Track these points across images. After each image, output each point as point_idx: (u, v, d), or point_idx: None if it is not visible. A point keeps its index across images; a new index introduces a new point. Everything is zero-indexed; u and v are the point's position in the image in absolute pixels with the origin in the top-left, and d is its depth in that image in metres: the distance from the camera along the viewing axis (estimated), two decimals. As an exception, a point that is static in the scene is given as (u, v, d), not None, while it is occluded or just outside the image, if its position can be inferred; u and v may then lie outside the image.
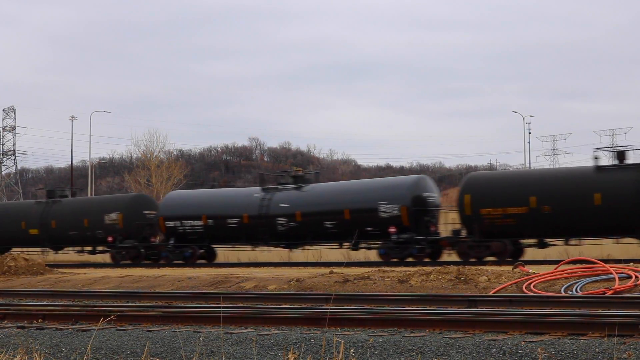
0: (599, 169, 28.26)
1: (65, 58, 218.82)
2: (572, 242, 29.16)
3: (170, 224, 35.75)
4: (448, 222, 33.01)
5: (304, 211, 32.91)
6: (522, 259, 28.69)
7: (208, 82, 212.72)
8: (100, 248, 38.94)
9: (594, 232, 28.18)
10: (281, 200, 33.68)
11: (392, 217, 30.79)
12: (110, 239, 37.49)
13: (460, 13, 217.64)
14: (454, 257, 29.83)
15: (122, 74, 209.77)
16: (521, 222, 28.42)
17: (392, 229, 30.64)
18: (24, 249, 42.04)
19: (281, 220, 33.37)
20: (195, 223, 35.33)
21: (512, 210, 28.59)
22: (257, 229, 33.84)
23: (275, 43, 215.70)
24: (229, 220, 34.53)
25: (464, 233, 29.81)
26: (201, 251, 35.68)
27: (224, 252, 39.09)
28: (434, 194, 32.48)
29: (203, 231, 35.17)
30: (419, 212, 30.76)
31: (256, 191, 35.12)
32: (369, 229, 31.20)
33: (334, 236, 32.69)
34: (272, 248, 35.27)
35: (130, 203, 38.53)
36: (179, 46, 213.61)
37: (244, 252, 39.07)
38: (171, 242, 35.58)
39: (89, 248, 39.51)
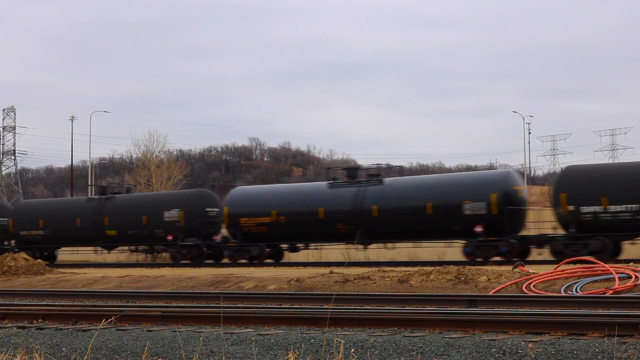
0: None
1: (56, 57, 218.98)
2: None
3: (236, 221, 33.74)
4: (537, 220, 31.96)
5: (387, 207, 31.03)
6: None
7: (203, 82, 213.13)
8: (158, 247, 37.20)
9: None
10: (375, 195, 31.48)
11: (478, 214, 29.22)
12: (170, 237, 35.49)
13: (456, 12, 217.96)
14: (546, 256, 28.71)
15: (115, 73, 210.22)
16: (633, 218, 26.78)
17: (479, 228, 29.01)
18: (76, 248, 41.89)
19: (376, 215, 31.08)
20: (263, 220, 33.26)
21: (613, 209, 27.01)
22: (351, 224, 31.34)
23: (269, 42, 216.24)
24: (306, 216, 32.42)
25: (559, 231, 28.49)
26: (268, 250, 33.86)
27: (310, 251, 36.62)
28: (522, 188, 30.93)
29: (272, 228, 33.08)
30: (510, 209, 29.02)
31: (327, 186, 33.04)
32: (454, 227, 29.80)
33: (434, 232, 30.87)
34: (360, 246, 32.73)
35: (192, 199, 36.52)
36: (172, 45, 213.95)
37: (333, 251, 36.71)
38: (236, 240, 33.77)
39: (144, 247, 37.80)
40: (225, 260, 34.59)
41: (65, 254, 43.29)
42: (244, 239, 33.65)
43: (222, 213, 35.04)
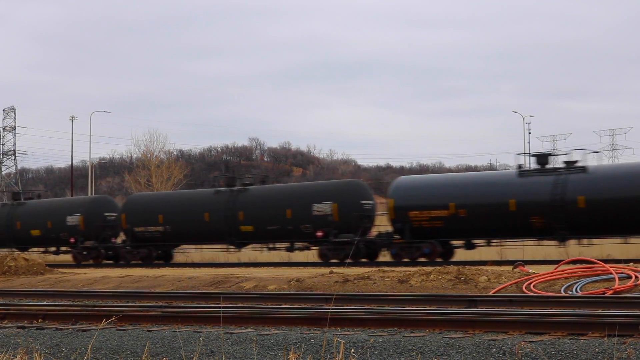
0: None
1: (56, 57, 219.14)
2: None
3: (404, 215, 29.83)
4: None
5: (597, 198, 27.58)
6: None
7: (203, 82, 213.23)
8: (300, 244, 33.79)
9: None
10: (580, 183, 27.85)
11: None
12: (320, 233, 31.74)
13: (456, 12, 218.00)
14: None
15: (115, 72, 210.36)
16: None
17: None
18: (200, 246, 39.06)
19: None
20: (438, 213, 29.34)
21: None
22: (550, 217, 27.93)
23: (269, 41, 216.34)
24: (492, 209, 28.80)
25: None
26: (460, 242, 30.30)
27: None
28: None
29: (449, 223, 29.30)
30: None
31: (516, 174, 29.42)
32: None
33: None
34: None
35: (346, 190, 32.73)
36: (172, 44, 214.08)
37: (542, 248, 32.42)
38: (403, 237, 30.01)
39: (286, 244, 34.13)
40: (385, 259, 30.84)
41: (182, 253, 40.56)
42: (413, 235, 29.68)
43: (374, 206, 32.54)
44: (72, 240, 38.10)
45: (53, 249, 39.90)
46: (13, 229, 40.10)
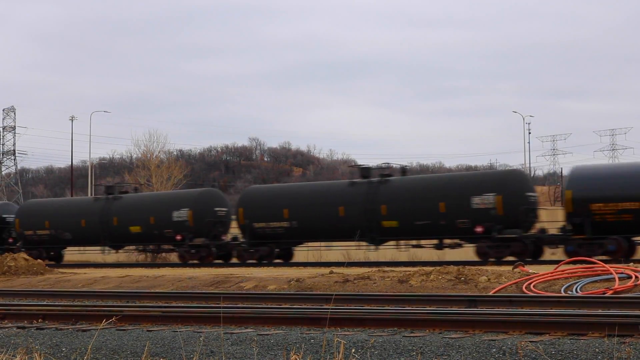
0: None
1: (55, 57, 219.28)
2: None
3: (585, 207, 26.78)
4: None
5: None
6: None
7: (203, 81, 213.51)
8: (450, 241, 30.00)
9: None
10: None
11: None
12: (479, 228, 28.56)
13: (455, 12, 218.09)
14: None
15: (115, 72, 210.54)
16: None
17: None
18: (330, 243, 34.69)
19: None
20: (629, 205, 26.16)
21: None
22: None
23: (269, 41, 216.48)
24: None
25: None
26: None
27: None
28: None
29: None
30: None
31: None
32: None
33: None
34: None
35: (510, 180, 29.55)
36: (172, 44, 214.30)
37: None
38: (584, 232, 26.83)
39: (434, 241, 30.42)
40: (554, 257, 28.19)
41: (302, 250, 35.98)
42: (596, 230, 26.64)
43: (536, 199, 30.29)
44: (178, 237, 34.58)
45: (152, 247, 36.68)
46: (109, 226, 36.65)
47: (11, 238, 41.11)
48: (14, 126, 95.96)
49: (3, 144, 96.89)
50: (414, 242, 31.56)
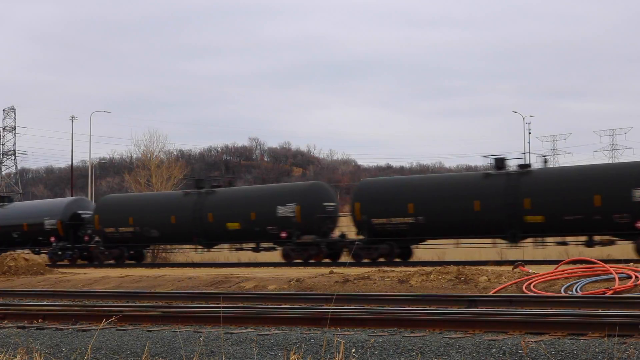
0: None
1: (55, 57, 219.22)
2: None
3: None
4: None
5: None
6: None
7: (203, 81, 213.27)
8: (600, 238, 27.92)
9: None
10: None
11: None
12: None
13: (454, 11, 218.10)
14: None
15: (115, 72, 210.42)
16: None
17: None
18: (459, 240, 31.20)
19: None
20: None
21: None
22: None
23: (268, 41, 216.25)
24: None
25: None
26: None
27: None
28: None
29: None
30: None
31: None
32: None
33: None
34: None
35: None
36: (171, 44, 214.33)
37: None
38: None
39: (601, 238, 27.99)
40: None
41: (427, 248, 33.10)
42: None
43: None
44: (283, 234, 32.33)
45: (251, 245, 34.14)
46: (203, 222, 34.19)
47: (87, 236, 38.29)
48: (14, 126, 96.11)
49: (3, 144, 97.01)
50: (558, 239, 28.89)
